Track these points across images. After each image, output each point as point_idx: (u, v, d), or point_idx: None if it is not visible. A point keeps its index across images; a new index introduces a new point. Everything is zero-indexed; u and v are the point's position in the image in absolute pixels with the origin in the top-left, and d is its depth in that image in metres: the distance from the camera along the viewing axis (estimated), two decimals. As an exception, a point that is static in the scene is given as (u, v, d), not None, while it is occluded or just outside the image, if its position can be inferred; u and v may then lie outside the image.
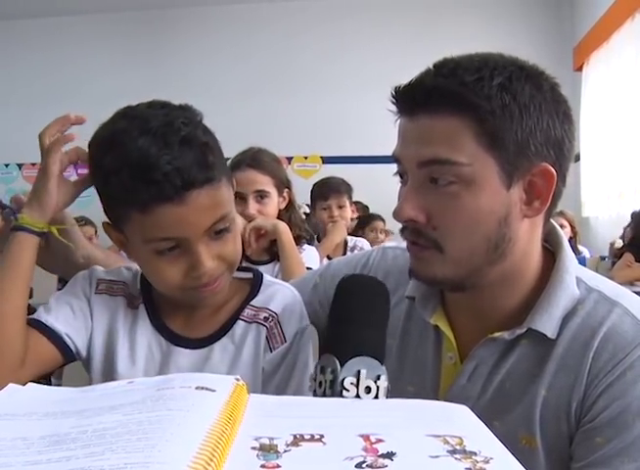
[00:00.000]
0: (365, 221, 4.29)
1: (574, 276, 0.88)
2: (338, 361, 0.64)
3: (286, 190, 2.04)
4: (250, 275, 1.01)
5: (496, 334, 0.87)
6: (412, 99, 0.82)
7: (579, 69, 5.41)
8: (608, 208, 4.55)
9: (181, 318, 0.97)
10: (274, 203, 1.93)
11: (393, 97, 0.84)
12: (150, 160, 0.80)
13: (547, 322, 0.84)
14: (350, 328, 0.68)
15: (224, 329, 0.95)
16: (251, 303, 0.97)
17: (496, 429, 0.52)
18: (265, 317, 0.95)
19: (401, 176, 0.88)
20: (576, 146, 0.86)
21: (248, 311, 0.96)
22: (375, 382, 0.64)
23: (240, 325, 0.95)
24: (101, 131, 0.89)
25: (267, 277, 1.02)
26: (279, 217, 1.98)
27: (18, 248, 0.90)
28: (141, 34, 6.43)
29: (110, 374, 0.93)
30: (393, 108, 0.85)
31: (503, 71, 0.80)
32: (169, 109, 0.88)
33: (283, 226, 1.86)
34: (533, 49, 5.35)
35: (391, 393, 0.66)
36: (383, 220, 4.20)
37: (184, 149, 0.82)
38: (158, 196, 0.81)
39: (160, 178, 0.80)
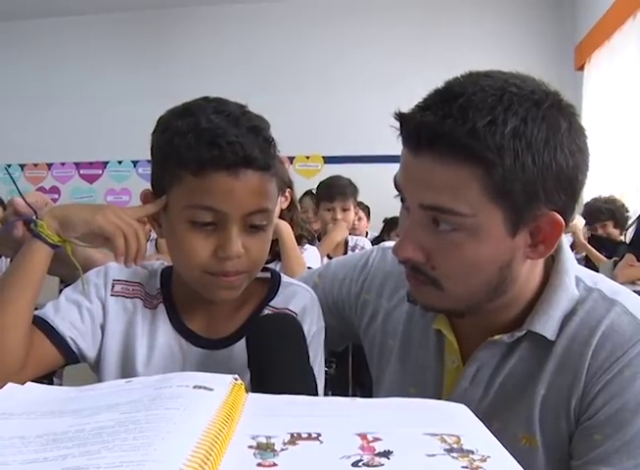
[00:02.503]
0: (391, 225, 4.28)
1: (574, 277, 0.87)
2: None
3: (288, 190, 2.05)
4: (267, 275, 1.01)
5: (496, 337, 0.87)
6: (417, 139, 0.76)
7: (581, 68, 5.39)
8: (609, 207, 4.54)
9: (201, 319, 0.97)
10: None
11: (398, 121, 0.79)
12: (218, 130, 0.84)
13: (546, 324, 0.84)
14: (273, 378, 0.67)
15: (244, 329, 0.94)
16: (271, 303, 0.97)
17: (496, 429, 0.52)
18: None
19: (402, 200, 0.84)
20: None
21: (267, 312, 0.96)
22: None
23: None
24: (173, 108, 0.92)
25: (284, 277, 1.02)
26: (281, 217, 1.98)
27: (30, 257, 0.86)
28: (142, 34, 6.43)
29: (127, 375, 0.92)
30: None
31: (518, 111, 0.73)
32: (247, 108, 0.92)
33: (284, 226, 1.86)
34: (535, 49, 5.39)
35: (393, 394, 0.66)
36: None
37: (251, 134, 0.86)
38: (217, 161, 0.83)
39: (224, 145, 0.83)
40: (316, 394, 0.67)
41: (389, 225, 4.39)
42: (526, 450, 0.85)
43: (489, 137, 0.72)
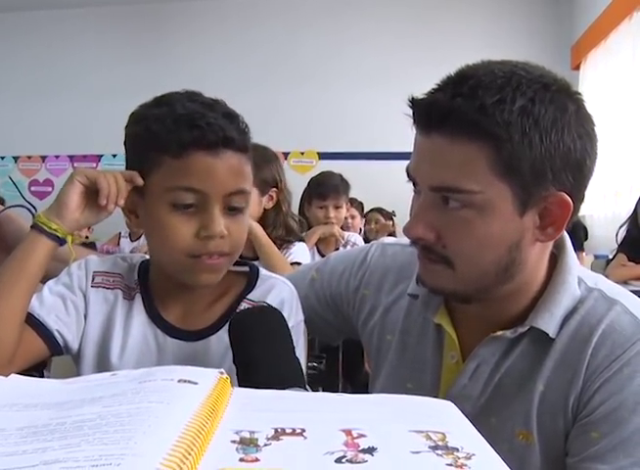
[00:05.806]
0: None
1: (576, 276, 0.88)
2: None
3: (274, 190, 1.99)
4: (245, 269, 1.01)
5: (498, 332, 0.87)
6: (428, 118, 0.79)
7: (577, 67, 5.40)
8: (604, 207, 4.54)
9: (177, 310, 0.96)
10: (253, 202, 1.89)
11: (410, 107, 0.81)
12: (196, 114, 0.87)
13: (549, 321, 0.85)
14: (261, 371, 0.67)
15: (220, 322, 0.94)
16: (248, 296, 0.97)
17: (493, 425, 0.52)
18: None
19: (414, 185, 0.86)
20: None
21: (244, 305, 0.96)
22: None
23: None
24: (145, 103, 0.94)
25: (263, 271, 1.02)
26: (265, 217, 1.96)
27: (27, 248, 0.86)
28: (139, 28, 6.40)
29: (103, 367, 0.92)
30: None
31: (527, 91, 0.75)
32: None
33: (255, 226, 1.84)
34: (531, 47, 5.38)
35: (389, 389, 0.66)
36: (380, 212, 4.29)
37: (226, 118, 0.89)
38: (198, 141, 0.85)
39: (203, 126, 0.86)
40: (304, 385, 0.66)
41: (381, 222, 4.42)
42: (522, 446, 0.85)
43: (498, 114, 0.74)
